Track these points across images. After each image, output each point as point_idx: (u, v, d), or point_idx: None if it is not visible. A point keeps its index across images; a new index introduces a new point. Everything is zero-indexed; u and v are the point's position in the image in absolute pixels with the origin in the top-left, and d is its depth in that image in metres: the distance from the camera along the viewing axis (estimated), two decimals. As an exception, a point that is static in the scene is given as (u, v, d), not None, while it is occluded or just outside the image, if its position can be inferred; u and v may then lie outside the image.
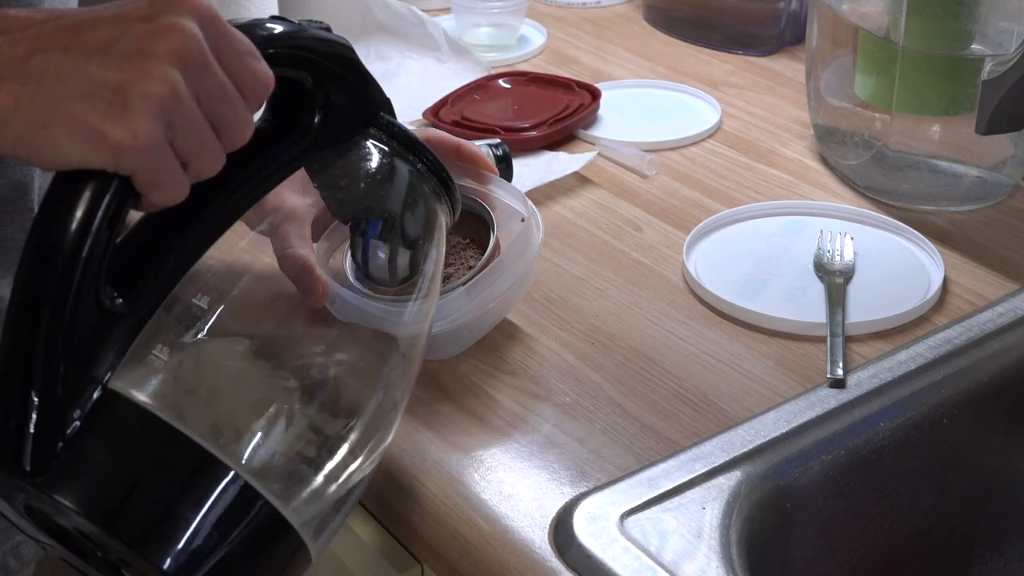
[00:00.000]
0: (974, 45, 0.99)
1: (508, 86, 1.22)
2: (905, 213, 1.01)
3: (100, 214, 0.54)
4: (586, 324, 0.88)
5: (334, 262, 0.80)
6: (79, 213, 0.54)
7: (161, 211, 0.58)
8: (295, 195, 0.78)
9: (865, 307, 0.88)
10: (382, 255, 0.72)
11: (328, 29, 0.65)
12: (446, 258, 0.82)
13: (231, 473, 0.58)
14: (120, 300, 0.56)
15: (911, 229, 0.97)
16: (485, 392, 0.81)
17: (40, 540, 0.62)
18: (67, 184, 0.55)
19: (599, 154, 1.11)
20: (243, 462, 0.58)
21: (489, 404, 0.80)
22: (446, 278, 0.82)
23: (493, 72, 1.25)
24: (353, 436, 0.64)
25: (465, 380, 0.82)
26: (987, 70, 0.90)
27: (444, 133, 0.85)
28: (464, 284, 0.80)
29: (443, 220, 0.72)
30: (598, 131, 1.15)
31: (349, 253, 0.78)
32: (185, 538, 0.56)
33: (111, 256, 0.55)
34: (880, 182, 1.03)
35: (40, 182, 0.79)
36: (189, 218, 0.60)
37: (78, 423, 0.55)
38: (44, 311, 0.54)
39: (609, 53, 1.33)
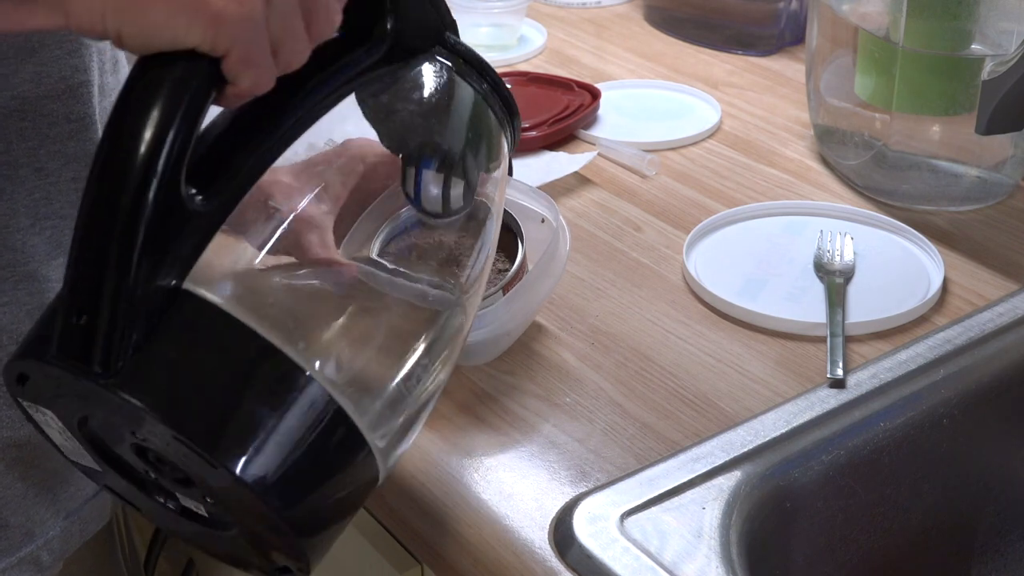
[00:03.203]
0: (974, 45, 0.99)
1: (508, 86, 1.21)
2: (905, 213, 1.01)
3: (187, 100, 0.51)
4: (586, 324, 0.88)
5: None
6: (164, 98, 0.51)
7: (238, 110, 0.55)
8: (310, 204, 0.78)
9: (865, 307, 0.88)
10: (446, 182, 0.68)
11: None
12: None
13: (307, 377, 0.55)
14: (199, 197, 0.53)
15: (911, 229, 0.97)
16: (485, 392, 0.81)
17: (82, 465, 0.59)
18: (152, 67, 0.52)
19: (599, 154, 1.11)
20: (318, 367, 0.55)
21: (489, 404, 0.80)
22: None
23: (493, 72, 1.25)
24: (423, 353, 0.62)
25: (465, 380, 0.82)
26: (987, 70, 0.90)
27: None
28: (503, 291, 0.80)
29: (506, 147, 0.70)
30: (598, 131, 1.15)
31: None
32: (257, 441, 0.53)
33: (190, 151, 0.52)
34: (880, 182, 1.03)
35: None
36: (266, 119, 0.57)
37: (149, 323, 0.52)
38: (123, 202, 0.50)
39: (609, 53, 1.33)
